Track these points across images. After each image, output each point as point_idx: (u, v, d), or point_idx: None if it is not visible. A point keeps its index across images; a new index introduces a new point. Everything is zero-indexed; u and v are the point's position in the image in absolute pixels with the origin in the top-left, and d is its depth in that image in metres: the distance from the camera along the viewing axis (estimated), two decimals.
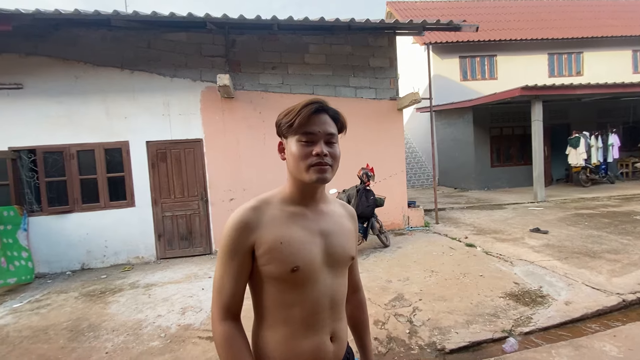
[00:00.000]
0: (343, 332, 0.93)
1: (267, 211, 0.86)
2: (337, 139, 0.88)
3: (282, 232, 0.84)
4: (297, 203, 0.90)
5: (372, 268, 4.45)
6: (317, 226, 0.89)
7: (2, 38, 4.81)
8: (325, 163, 0.83)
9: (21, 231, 4.92)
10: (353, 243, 0.97)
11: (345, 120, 0.92)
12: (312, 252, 0.85)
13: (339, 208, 1.00)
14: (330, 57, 6.08)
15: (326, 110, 0.87)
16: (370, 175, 5.11)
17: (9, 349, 3.01)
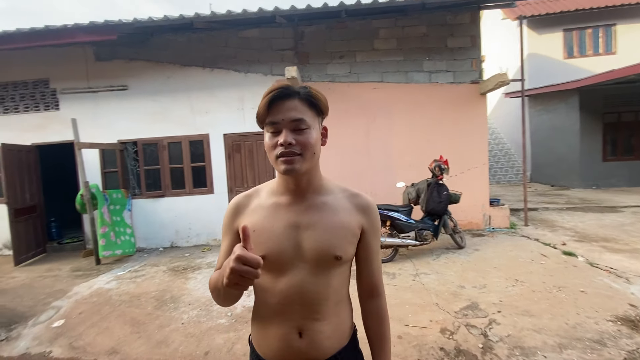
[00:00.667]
0: (320, 333, 0.86)
1: (255, 199, 0.91)
2: (309, 123, 0.81)
3: (258, 220, 0.87)
4: (282, 193, 0.89)
5: (443, 270, 4.05)
6: (295, 218, 0.86)
7: (111, 47, 5.70)
8: (291, 153, 0.78)
9: (126, 211, 5.82)
10: (344, 240, 0.86)
11: (323, 100, 0.85)
12: (281, 244, 0.84)
13: (341, 200, 0.90)
14: (401, 41, 5.67)
15: (292, 94, 0.80)
16: (444, 168, 4.63)
17: (111, 310, 3.57)
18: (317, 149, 0.84)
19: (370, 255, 0.92)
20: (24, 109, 5.97)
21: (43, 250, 5.96)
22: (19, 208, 5.36)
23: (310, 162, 0.82)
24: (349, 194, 0.92)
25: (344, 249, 0.85)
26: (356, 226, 0.88)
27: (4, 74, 5.88)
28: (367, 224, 0.90)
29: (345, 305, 0.94)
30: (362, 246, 0.91)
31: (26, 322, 3.44)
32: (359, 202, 0.91)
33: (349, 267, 0.93)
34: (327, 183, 0.92)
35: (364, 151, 5.78)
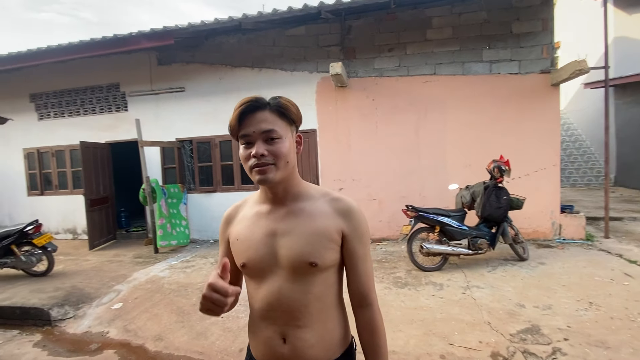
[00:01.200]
0: (303, 341, 0.85)
1: (242, 210, 0.96)
2: (281, 133, 0.82)
3: (241, 229, 0.91)
4: (263, 202, 0.92)
5: (499, 285, 3.61)
6: (273, 226, 0.87)
7: (171, 52, 6.12)
8: (264, 163, 0.80)
9: (182, 204, 6.24)
10: (318, 246, 0.84)
11: (294, 109, 0.86)
12: (259, 252, 0.86)
13: (321, 206, 0.88)
14: (458, 29, 5.19)
15: (262, 106, 0.82)
16: (505, 170, 4.13)
17: (161, 298, 3.83)
18: (290, 157, 0.85)
19: (354, 261, 0.89)
20: (99, 110, 6.72)
21: (113, 237, 6.67)
22: (94, 199, 6.05)
23: (284, 171, 0.84)
24: (330, 199, 0.90)
25: (319, 256, 0.83)
26: (334, 231, 0.85)
27: (84, 79, 6.67)
28: (349, 229, 0.87)
29: (334, 314, 0.91)
30: (345, 252, 0.89)
31: (91, 303, 3.84)
32: (339, 206, 0.88)
33: (334, 274, 0.90)
34: (308, 189, 0.92)
35: (413, 150, 5.44)
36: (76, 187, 6.80)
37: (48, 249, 4.62)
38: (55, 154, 6.96)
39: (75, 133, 6.63)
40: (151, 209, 5.57)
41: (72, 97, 6.84)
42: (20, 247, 4.55)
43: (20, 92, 7.04)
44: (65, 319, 3.60)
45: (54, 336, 3.34)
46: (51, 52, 5.67)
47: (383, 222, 5.58)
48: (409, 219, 4.15)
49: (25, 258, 4.54)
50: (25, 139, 7.13)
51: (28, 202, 7.23)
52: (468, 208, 4.36)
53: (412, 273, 4.07)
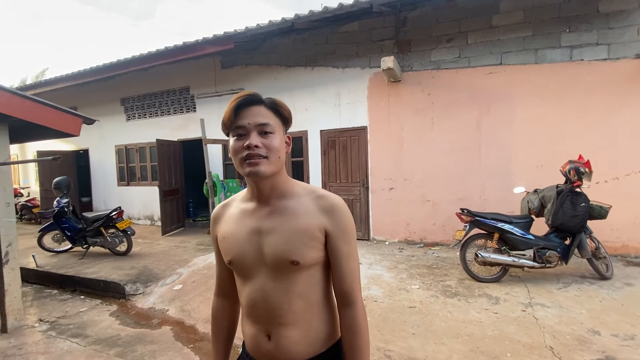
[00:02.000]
0: (287, 338, 0.86)
1: (230, 208, 0.96)
2: (274, 128, 0.84)
3: (227, 227, 0.93)
4: (249, 199, 0.92)
5: (570, 305, 3.13)
6: (257, 223, 0.88)
7: (232, 55, 6.55)
8: (256, 155, 0.81)
9: None
10: (300, 244, 0.83)
11: (287, 109, 0.89)
12: (243, 249, 0.87)
13: (305, 203, 0.88)
14: (530, 12, 4.59)
15: (257, 102, 0.85)
16: (584, 173, 3.55)
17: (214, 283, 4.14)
18: (281, 153, 0.86)
19: (337, 259, 0.87)
20: (173, 111, 7.52)
21: (182, 224, 7.43)
22: (167, 190, 6.80)
23: (275, 166, 0.84)
24: (315, 196, 0.89)
25: (300, 254, 0.83)
26: (316, 229, 0.84)
27: (161, 84, 7.52)
28: (332, 226, 0.86)
29: (320, 311, 0.91)
30: (329, 250, 0.88)
31: (157, 282, 4.33)
32: (323, 204, 0.87)
33: (319, 271, 0.89)
34: (295, 187, 0.91)
35: (473, 148, 4.98)
36: (154, 179, 7.73)
37: (128, 232, 5.33)
38: (138, 150, 7.99)
39: (154, 132, 7.52)
40: (212, 201, 6.06)
41: (152, 100, 7.77)
42: (107, 229, 5.34)
43: (114, 97, 8.23)
44: (136, 294, 4.12)
45: (126, 308, 3.85)
46: (135, 61, 6.51)
47: (437, 225, 5.24)
48: (464, 224, 3.83)
49: (111, 239, 5.32)
50: (117, 137, 8.33)
51: (117, 191, 8.45)
52: (536, 215, 3.85)
53: (465, 282, 3.74)
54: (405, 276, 4.01)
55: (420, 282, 3.81)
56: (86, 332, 3.22)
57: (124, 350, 2.86)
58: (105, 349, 2.90)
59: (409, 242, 5.42)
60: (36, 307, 3.93)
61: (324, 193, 0.90)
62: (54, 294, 4.37)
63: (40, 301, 4.13)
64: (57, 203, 5.35)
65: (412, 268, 4.28)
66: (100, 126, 8.49)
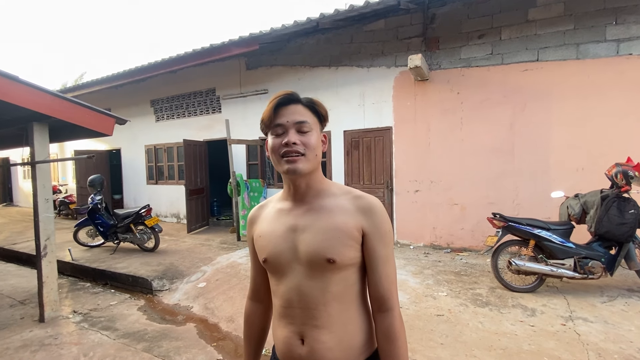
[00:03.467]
0: (321, 343, 0.83)
1: (266, 209, 0.97)
2: (311, 126, 0.86)
3: (263, 227, 0.93)
4: (285, 199, 0.93)
5: (616, 321, 2.87)
6: (293, 221, 0.88)
7: (257, 56, 6.61)
8: (294, 151, 0.82)
9: (262, 198, 6.71)
10: (336, 242, 0.82)
11: (323, 108, 0.90)
12: (278, 247, 0.87)
13: (342, 203, 0.87)
14: (571, 5, 4.29)
15: (295, 100, 0.86)
16: (633, 177, 3.25)
17: (237, 282, 4.16)
18: (318, 151, 0.87)
19: (374, 261, 0.85)
20: (199, 112, 7.70)
21: (206, 223, 7.58)
22: (192, 189, 6.96)
23: (312, 163, 0.85)
24: (352, 196, 0.89)
25: (337, 252, 0.81)
26: (354, 227, 0.83)
27: (189, 86, 7.72)
28: (369, 226, 0.84)
29: (356, 316, 0.87)
30: (365, 252, 0.86)
31: (183, 279, 4.41)
32: (361, 204, 0.86)
33: (355, 273, 0.87)
34: (331, 186, 0.92)
35: (506, 149, 4.73)
36: (180, 179, 7.95)
37: (155, 229, 5.49)
38: (166, 150, 8.25)
39: (181, 132, 7.73)
40: (236, 201, 6.13)
41: (180, 101, 8.00)
42: (136, 226, 5.53)
43: (144, 98, 8.55)
44: (162, 290, 4.22)
45: (153, 304, 3.94)
46: (164, 63, 6.72)
47: (465, 230, 5.01)
48: (496, 229, 3.62)
49: (140, 235, 5.50)
50: (146, 137, 8.64)
51: (147, 189, 8.76)
52: (576, 221, 3.57)
53: (496, 292, 3.53)
54: (432, 282, 3.85)
55: (448, 289, 3.64)
56: (115, 325, 3.32)
57: (150, 345, 2.92)
58: (133, 342, 2.97)
59: (435, 246, 5.23)
60: (71, 299, 4.11)
61: (361, 194, 0.89)
62: (87, 286, 4.56)
63: (75, 293, 4.32)
64: (92, 200, 5.60)
65: (438, 274, 4.11)
66: (132, 127, 8.82)
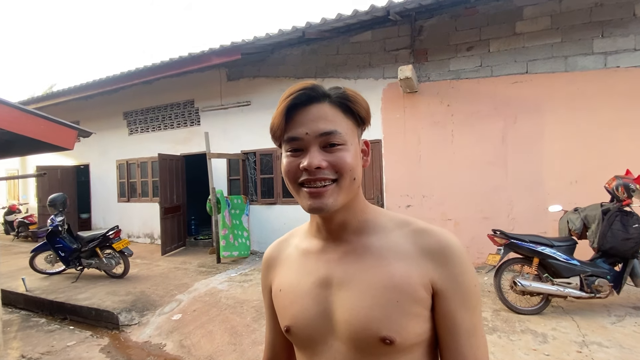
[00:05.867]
0: None
1: (287, 247, 0.70)
2: (345, 137, 0.57)
3: (285, 276, 0.66)
4: (313, 236, 0.65)
5: (632, 345, 2.67)
6: (325, 271, 0.60)
7: (239, 67, 6.33)
8: (319, 179, 0.55)
9: (245, 215, 6.29)
10: (394, 310, 0.52)
11: (364, 104, 0.60)
12: (307, 311, 0.59)
13: (397, 240, 0.58)
14: (558, 18, 4.31)
15: (319, 97, 0.58)
16: (634, 190, 3.15)
17: (217, 313, 3.72)
18: (357, 172, 0.59)
19: (453, 334, 0.55)
20: (176, 125, 7.26)
21: (183, 243, 7.04)
22: (168, 207, 6.45)
23: (348, 193, 0.58)
24: (411, 231, 0.59)
25: (396, 326, 0.53)
26: (419, 283, 0.55)
27: (165, 97, 7.30)
28: (444, 280, 0.55)
29: None
30: (438, 318, 0.56)
31: (155, 310, 3.91)
32: (427, 243, 0.57)
33: (424, 356, 0.57)
34: (378, 216, 0.63)
35: (498, 162, 4.61)
36: (155, 196, 7.39)
37: (125, 253, 4.95)
38: (139, 165, 7.70)
39: (156, 146, 7.23)
40: (215, 219, 5.69)
41: (155, 113, 7.53)
42: (103, 250, 4.97)
43: (116, 110, 8.02)
44: (131, 324, 3.71)
45: (119, 342, 3.43)
46: (138, 73, 6.30)
47: None
48: (497, 247, 3.41)
49: (107, 260, 4.94)
50: (118, 152, 8.06)
51: (117, 208, 8.11)
52: (578, 237, 3.43)
53: (501, 315, 3.29)
54: None
55: None
56: None
57: None
58: None
59: None
60: (20, 340, 3.52)
61: (425, 226, 0.59)
62: (41, 323, 3.96)
63: (26, 332, 3.72)
64: (52, 221, 5.01)
65: None
66: (102, 140, 8.26)
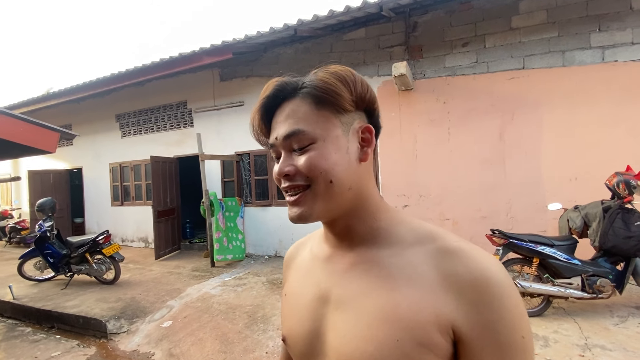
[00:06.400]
0: None
1: (304, 249, 0.65)
2: (313, 134, 0.48)
3: (294, 280, 0.62)
4: (324, 240, 0.58)
5: (636, 347, 2.57)
6: (327, 283, 0.52)
7: (232, 67, 6.22)
8: (290, 187, 0.50)
9: (239, 218, 6.17)
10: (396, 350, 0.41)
11: (334, 88, 0.49)
12: (301, 325, 0.54)
13: (416, 259, 0.45)
14: (554, 12, 4.22)
15: (290, 93, 0.50)
16: (635, 186, 3.06)
17: (209, 320, 3.60)
18: (336, 172, 0.48)
19: None
20: (169, 127, 7.15)
21: (178, 247, 6.92)
22: (161, 210, 6.33)
23: (328, 198, 0.48)
24: (434, 249, 0.46)
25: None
26: (433, 323, 0.41)
27: (158, 99, 7.19)
28: (473, 326, 0.40)
29: None
30: None
31: (145, 318, 3.79)
32: (455, 270, 0.43)
33: None
34: (392, 225, 0.51)
35: (496, 160, 4.51)
36: (149, 199, 7.27)
37: (115, 258, 4.83)
38: (133, 168, 7.58)
39: (150, 148, 7.12)
40: (209, 222, 5.57)
41: (148, 115, 7.42)
42: (93, 255, 4.84)
43: (109, 113, 7.90)
44: (119, 332, 3.59)
45: (107, 351, 3.31)
46: (129, 74, 6.19)
47: None
48: (496, 247, 3.31)
49: (97, 266, 4.81)
50: (111, 155, 7.94)
51: (111, 211, 7.99)
52: (578, 235, 3.33)
53: None
54: None
55: None
56: None
57: None
58: None
59: None
60: (4, 351, 3.40)
61: (456, 246, 0.45)
62: (26, 332, 3.84)
63: (10, 342, 3.60)
64: (40, 227, 4.89)
65: None
66: (95, 143, 8.15)
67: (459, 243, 0.46)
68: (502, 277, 0.42)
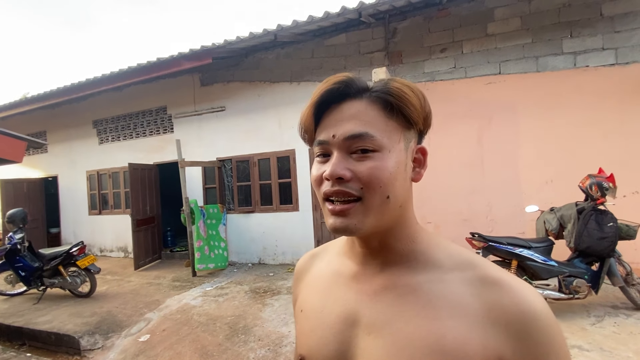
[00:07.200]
0: None
1: (320, 261, 0.62)
2: (380, 142, 0.46)
3: (310, 295, 0.58)
4: (349, 255, 0.55)
5: (612, 347, 2.63)
6: (355, 304, 0.50)
7: (212, 72, 6.14)
8: (339, 193, 0.45)
9: (222, 225, 6.05)
10: None
11: (415, 99, 0.47)
12: (325, 346, 0.50)
13: (456, 288, 0.43)
14: (528, 19, 4.33)
15: (355, 92, 0.47)
16: (607, 188, 3.14)
17: (188, 332, 3.49)
18: (394, 189, 0.46)
19: None
20: (149, 133, 6.98)
21: (159, 256, 6.73)
22: (140, 219, 6.15)
23: (381, 214, 0.46)
24: (475, 277, 0.44)
25: None
26: (481, 356, 0.40)
27: (136, 104, 7.01)
28: (520, 358, 0.39)
29: None
30: None
31: (121, 332, 3.64)
32: (500, 304, 0.42)
33: None
34: (430, 248, 0.49)
35: (475, 163, 4.58)
36: (128, 207, 7.05)
37: (91, 270, 4.65)
38: (111, 176, 7.36)
39: (128, 155, 6.92)
40: (190, 230, 5.44)
41: (127, 121, 7.23)
42: (67, 268, 4.64)
43: (85, 119, 7.66)
44: (93, 349, 3.43)
45: None
46: (106, 79, 6.02)
47: None
48: (476, 250, 3.34)
49: (71, 279, 4.61)
50: (88, 162, 7.68)
51: (89, 221, 7.71)
52: (555, 237, 3.40)
53: None
54: None
55: None
56: None
57: None
58: None
59: None
60: None
61: (497, 275, 0.44)
62: None
63: None
64: (10, 239, 4.66)
65: None
66: (71, 150, 7.88)
67: (500, 273, 0.45)
68: (547, 311, 0.42)
